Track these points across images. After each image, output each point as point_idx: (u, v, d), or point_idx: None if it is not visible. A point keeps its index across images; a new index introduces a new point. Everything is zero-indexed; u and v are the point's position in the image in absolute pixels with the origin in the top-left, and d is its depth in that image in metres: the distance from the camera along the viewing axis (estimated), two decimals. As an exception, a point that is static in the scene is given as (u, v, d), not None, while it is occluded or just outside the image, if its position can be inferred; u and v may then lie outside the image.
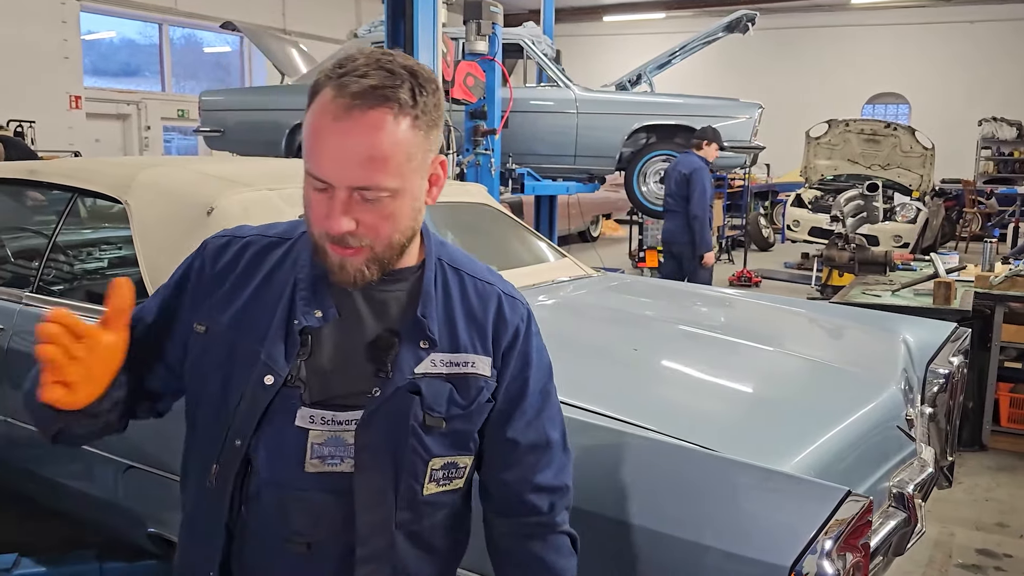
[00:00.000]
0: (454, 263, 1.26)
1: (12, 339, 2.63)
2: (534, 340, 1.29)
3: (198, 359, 1.22)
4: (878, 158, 10.89)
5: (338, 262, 1.11)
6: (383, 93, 1.04)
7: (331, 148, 1.06)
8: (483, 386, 1.22)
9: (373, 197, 1.07)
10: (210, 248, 1.27)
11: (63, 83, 12.16)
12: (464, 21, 6.10)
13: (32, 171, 3.01)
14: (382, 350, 1.17)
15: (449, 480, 1.23)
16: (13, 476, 2.85)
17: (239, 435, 1.17)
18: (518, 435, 1.26)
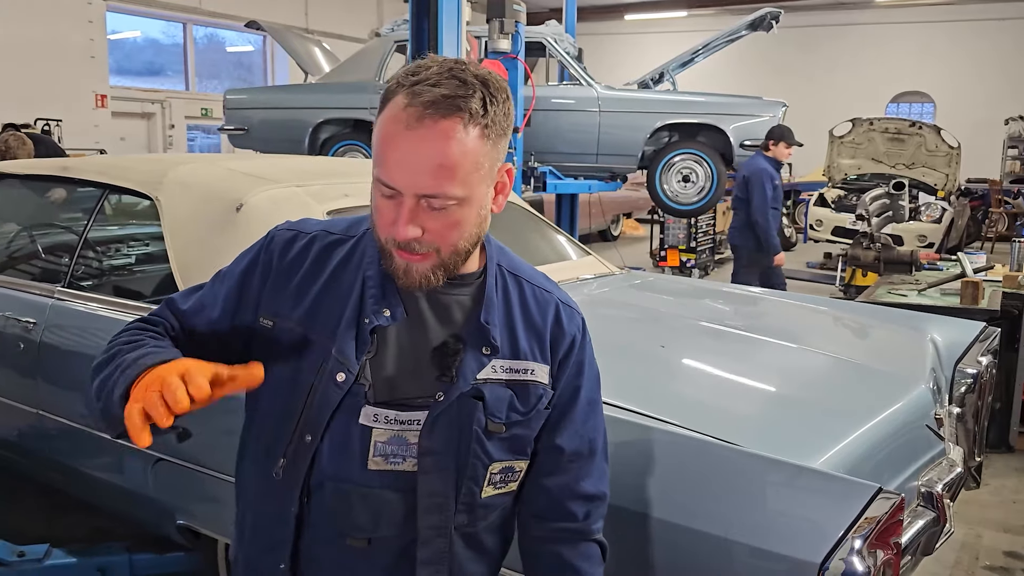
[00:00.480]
0: (514, 269, 1.28)
1: (45, 333, 2.67)
2: (588, 349, 1.31)
3: (263, 353, 1.21)
4: (903, 157, 10.78)
5: (403, 267, 1.12)
6: (455, 103, 1.05)
7: (401, 155, 1.06)
8: (542, 394, 1.24)
9: (440, 205, 1.08)
10: (278, 240, 1.27)
11: (89, 82, 12.30)
12: (487, 19, 6.10)
13: (64, 167, 3.06)
14: (448, 355, 1.18)
15: (505, 483, 1.25)
16: (43, 468, 2.89)
17: (310, 431, 1.18)
18: (565, 442, 1.27)
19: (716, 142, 7.03)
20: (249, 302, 1.25)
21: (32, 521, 3.27)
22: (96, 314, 2.62)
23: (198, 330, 1.25)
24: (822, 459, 1.69)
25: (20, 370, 2.73)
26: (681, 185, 7.15)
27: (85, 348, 2.59)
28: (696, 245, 10.16)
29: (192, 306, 1.28)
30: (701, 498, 1.52)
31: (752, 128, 6.91)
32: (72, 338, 2.65)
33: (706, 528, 1.49)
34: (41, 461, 2.82)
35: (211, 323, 1.26)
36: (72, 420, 2.61)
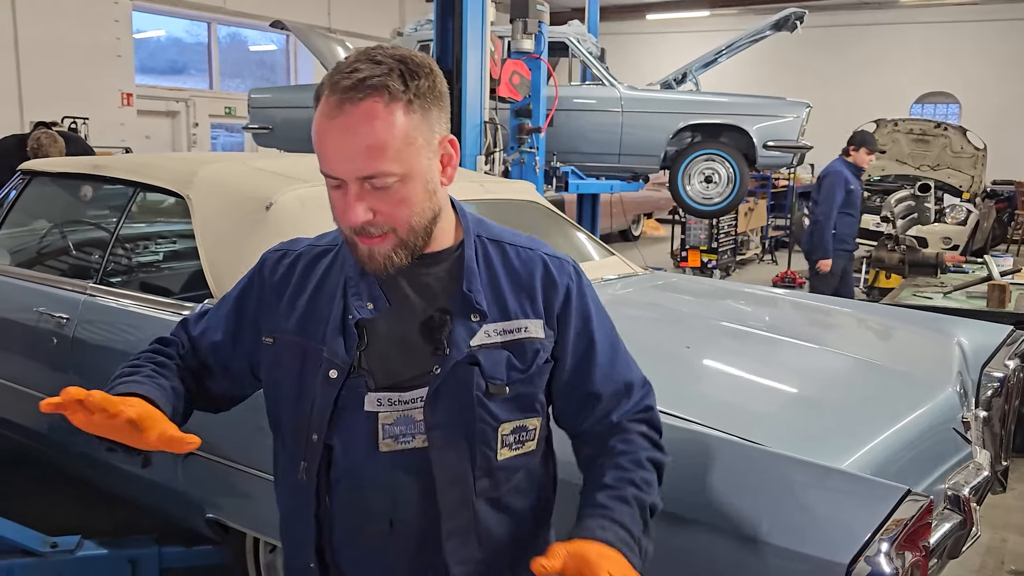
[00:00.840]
0: (494, 236, 1.30)
1: (77, 328, 2.72)
2: (588, 294, 1.32)
3: (271, 369, 1.30)
4: (927, 158, 10.70)
5: (367, 252, 1.16)
6: (371, 83, 1.08)
7: (333, 144, 1.11)
8: (539, 348, 1.25)
9: (381, 184, 1.11)
10: (268, 262, 1.35)
11: (115, 81, 12.44)
12: (511, 19, 6.12)
13: (96, 166, 3.11)
14: (436, 328, 1.21)
15: (521, 443, 1.27)
16: (74, 461, 2.94)
17: (316, 430, 1.23)
18: (599, 388, 1.30)
19: (739, 143, 7.01)
20: (247, 324, 1.33)
21: (62, 513, 3.33)
22: (127, 310, 2.66)
23: (206, 353, 1.35)
24: (849, 461, 1.69)
25: (53, 364, 2.78)
26: (703, 185, 7.13)
27: (116, 343, 2.64)
28: (718, 246, 10.14)
29: (200, 330, 1.38)
30: (728, 498, 1.53)
31: (775, 129, 6.88)
32: (104, 333, 2.69)
33: (733, 528, 1.50)
34: (72, 454, 2.87)
35: (215, 346, 1.35)
36: (103, 414, 2.65)
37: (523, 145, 6.24)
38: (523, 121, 6.28)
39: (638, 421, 1.32)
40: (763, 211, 12.20)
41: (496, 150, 5.63)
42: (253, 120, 8.32)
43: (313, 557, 1.27)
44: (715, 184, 7.13)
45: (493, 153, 5.57)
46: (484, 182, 3.36)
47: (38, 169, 3.34)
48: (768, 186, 12.60)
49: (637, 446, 1.29)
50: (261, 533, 2.33)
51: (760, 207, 12.01)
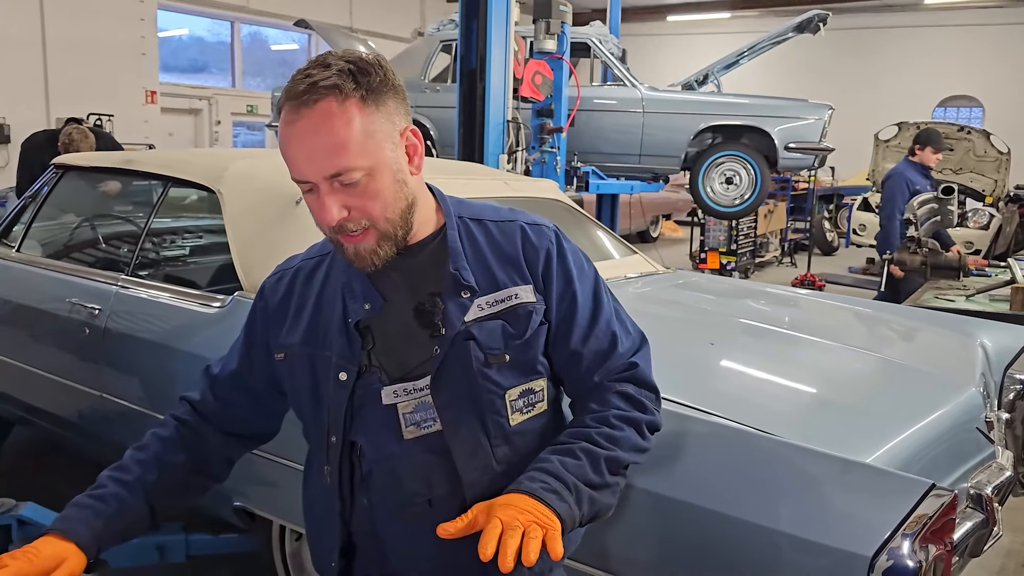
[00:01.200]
0: (475, 216, 1.34)
1: (109, 319, 2.77)
2: (570, 256, 1.35)
3: (289, 383, 1.37)
4: (950, 162, 10.60)
5: (352, 250, 1.21)
6: (322, 85, 1.13)
7: (297, 149, 1.15)
8: (532, 311, 1.29)
9: (349, 180, 1.15)
10: (267, 288, 1.42)
11: (140, 78, 12.59)
12: (534, 20, 6.16)
13: (128, 160, 3.17)
14: (429, 313, 1.26)
15: (531, 406, 1.30)
16: (104, 448, 2.99)
17: (334, 432, 1.30)
18: (579, 347, 1.32)
19: (760, 144, 7.01)
20: (259, 347, 1.41)
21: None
22: (158, 301, 2.71)
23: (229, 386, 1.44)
24: (873, 456, 1.71)
25: (85, 354, 2.84)
26: (724, 187, 7.13)
27: (147, 334, 2.69)
28: (737, 248, 10.13)
29: (219, 368, 1.47)
30: (753, 490, 1.55)
31: (797, 131, 6.87)
32: (135, 324, 2.74)
33: (757, 520, 1.52)
34: (102, 442, 2.92)
35: (235, 375, 1.44)
36: (133, 403, 2.71)
37: (544, 145, 6.27)
38: (545, 121, 6.32)
39: (621, 380, 1.33)
40: (783, 213, 12.16)
41: (518, 149, 5.67)
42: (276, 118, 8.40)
43: (336, 557, 1.33)
44: (736, 185, 7.14)
45: (515, 152, 5.61)
46: (508, 180, 3.39)
47: (71, 164, 3.40)
48: (788, 188, 12.55)
49: (610, 405, 1.30)
50: (287, 521, 2.38)
51: (780, 209, 11.98)
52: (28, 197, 3.46)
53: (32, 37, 11.22)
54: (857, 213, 10.86)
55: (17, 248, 3.32)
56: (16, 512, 2.63)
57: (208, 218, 3.51)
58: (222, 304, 2.51)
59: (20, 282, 3.21)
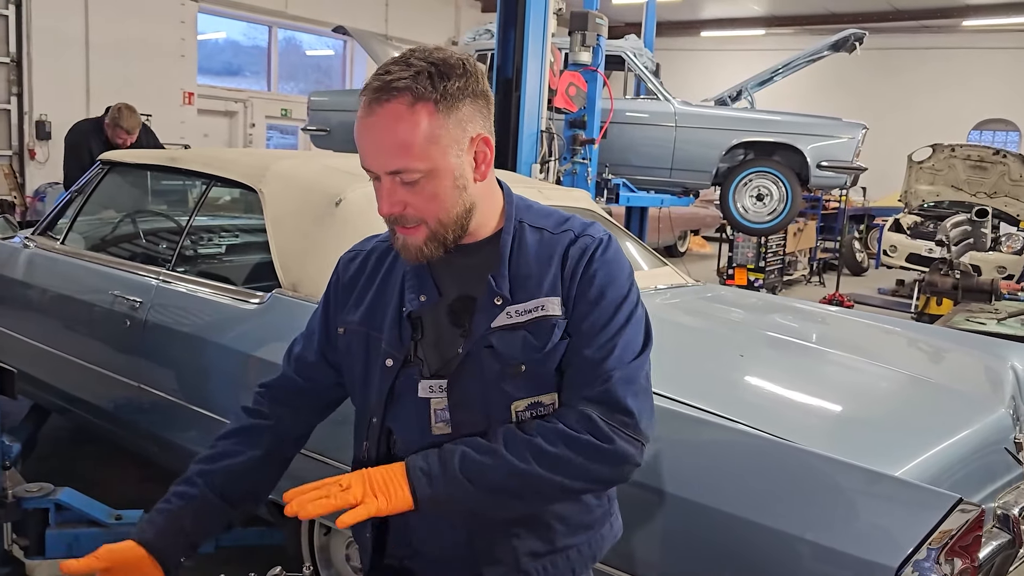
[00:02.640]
0: (535, 223, 1.33)
1: (150, 312, 2.84)
2: (598, 263, 1.28)
3: (343, 357, 1.42)
4: (984, 186, 10.50)
5: (401, 242, 1.26)
6: (396, 86, 1.17)
7: (366, 142, 1.21)
8: (555, 324, 1.25)
9: (410, 180, 1.20)
10: (341, 264, 1.47)
11: (178, 80, 12.81)
12: (570, 32, 6.20)
13: (172, 158, 3.25)
14: (459, 314, 1.30)
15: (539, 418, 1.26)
16: (140, 438, 3.06)
17: (374, 414, 1.35)
18: (572, 353, 1.26)
19: (792, 162, 7.00)
20: (331, 322, 1.45)
21: (127, 489, 3.46)
22: (198, 296, 2.78)
23: (311, 363, 1.47)
24: (900, 471, 1.72)
25: (125, 345, 2.91)
26: (754, 203, 7.13)
27: (186, 327, 2.76)
28: (765, 265, 10.09)
29: (302, 347, 1.50)
30: (781, 498, 1.57)
31: (830, 149, 6.85)
32: (175, 318, 2.81)
33: (783, 527, 1.54)
34: (139, 432, 2.99)
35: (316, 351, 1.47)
36: (170, 394, 2.77)
37: (576, 156, 6.31)
38: (577, 132, 6.36)
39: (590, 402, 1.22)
40: (812, 232, 12.09)
41: (551, 159, 5.71)
42: (312, 122, 8.52)
43: (370, 526, 1.38)
44: (766, 202, 7.12)
45: (548, 162, 5.65)
46: (542, 188, 3.43)
47: (116, 160, 3.50)
48: (818, 207, 12.49)
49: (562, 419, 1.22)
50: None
51: (809, 228, 11.91)
52: (74, 191, 3.56)
53: (76, 37, 11.46)
54: (888, 234, 10.77)
55: (62, 241, 3.41)
56: (54, 496, 2.70)
57: (249, 217, 3.58)
58: (261, 301, 2.57)
59: (63, 274, 3.30)
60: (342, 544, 2.50)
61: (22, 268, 3.46)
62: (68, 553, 2.73)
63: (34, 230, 3.63)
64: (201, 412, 2.66)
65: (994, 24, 16.57)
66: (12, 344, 3.39)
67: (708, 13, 18.19)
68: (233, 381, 2.57)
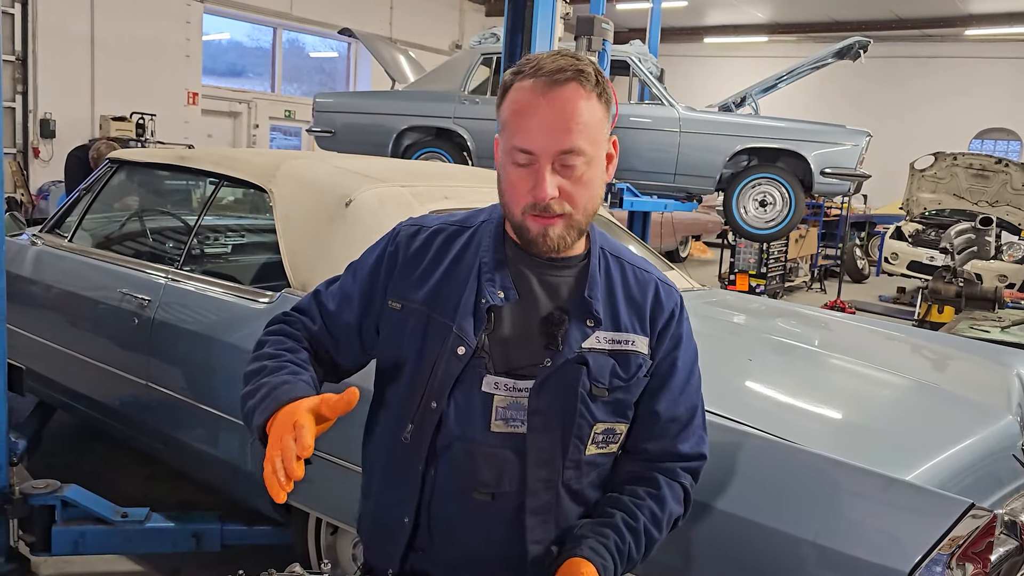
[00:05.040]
0: (616, 253, 1.41)
1: (158, 310, 2.85)
2: (685, 324, 1.43)
3: (392, 332, 1.38)
4: (986, 194, 10.53)
5: (540, 231, 1.26)
6: (576, 70, 1.23)
7: (539, 120, 1.22)
8: (641, 363, 1.35)
9: (571, 162, 1.23)
10: (403, 235, 1.43)
11: (183, 80, 12.86)
12: (575, 37, 6.21)
13: (182, 157, 3.26)
14: (553, 325, 1.31)
15: (607, 444, 1.36)
16: (147, 436, 3.07)
17: (435, 398, 1.32)
18: (663, 409, 1.38)
19: (796, 168, 7.00)
20: (378, 291, 1.42)
21: (133, 487, 3.47)
22: (207, 295, 2.79)
23: (341, 323, 1.44)
24: (910, 476, 1.73)
25: (133, 343, 2.92)
26: (758, 209, 7.14)
27: (195, 326, 2.76)
28: (767, 271, 10.10)
29: (336, 305, 1.45)
30: (792, 503, 1.58)
31: (834, 156, 6.86)
32: (183, 316, 2.82)
33: (795, 531, 1.55)
34: (145, 430, 2.99)
35: (353, 314, 1.43)
36: (177, 392, 2.78)
37: (580, 160, 6.30)
38: (582, 136, 6.35)
39: (688, 471, 1.40)
40: (814, 239, 12.12)
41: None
42: (317, 124, 8.53)
43: (411, 512, 1.35)
44: (769, 208, 7.13)
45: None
46: (550, 192, 3.43)
47: (125, 158, 3.50)
48: (820, 214, 12.51)
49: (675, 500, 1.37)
50: (324, 514, 2.42)
51: (811, 235, 11.94)
52: (82, 189, 3.57)
53: (82, 36, 11.50)
54: (889, 241, 10.79)
55: (70, 238, 3.41)
56: (61, 493, 2.71)
57: (257, 216, 3.59)
58: (270, 300, 2.58)
59: (71, 271, 3.30)
60: (349, 544, 2.50)
61: (30, 265, 3.47)
62: (74, 550, 2.74)
63: (42, 227, 3.64)
64: (208, 410, 2.66)
65: (996, 34, 16.63)
66: (19, 341, 3.40)
67: (712, 20, 18.25)
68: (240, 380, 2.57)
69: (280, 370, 1.33)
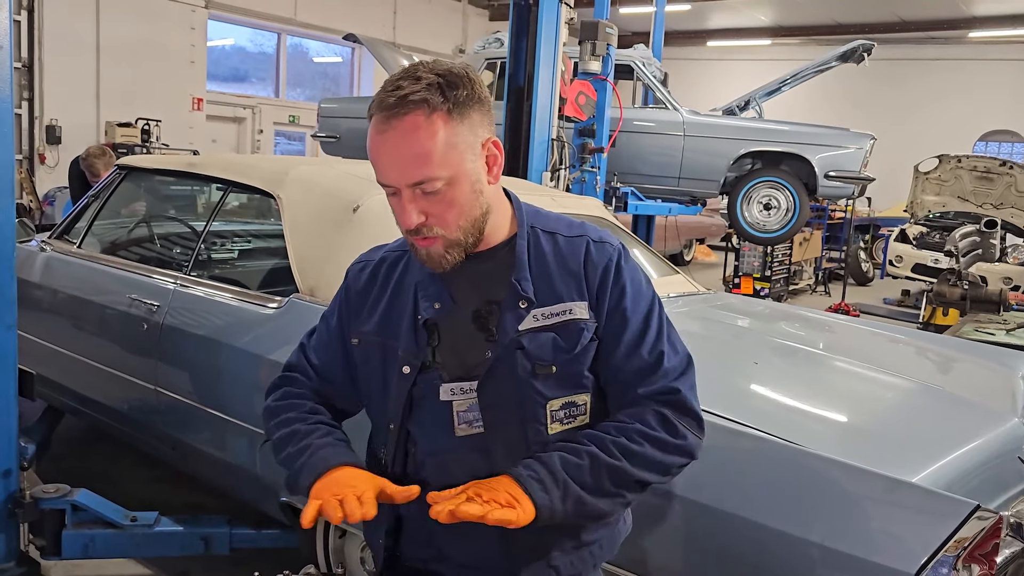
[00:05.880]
0: (547, 227, 1.39)
1: (167, 316, 2.87)
2: (627, 273, 1.36)
3: (361, 367, 1.44)
4: (990, 197, 10.50)
5: (424, 253, 1.29)
6: (411, 99, 1.20)
7: (384, 157, 1.24)
8: (583, 328, 1.32)
9: (431, 189, 1.23)
10: (351, 274, 1.49)
11: (188, 86, 12.89)
12: (580, 41, 6.24)
13: (191, 164, 3.28)
14: (484, 318, 1.33)
15: (572, 418, 1.34)
16: (155, 440, 3.09)
17: (392, 420, 1.37)
18: (623, 361, 1.33)
19: (800, 171, 7.02)
20: (344, 332, 1.47)
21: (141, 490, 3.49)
22: (215, 300, 2.81)
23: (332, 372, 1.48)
24: (915, 478, 1.74)
25: (141, 348, 2.94)
26: (762, 212, 7.15)
27: (203, 331, 2.78)
28: (771, 274, 10.10)
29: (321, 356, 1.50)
30: (798, 504, 1.59)
31: (838, 159, 6.87)
32: (192, 321, 2.84)
33: (801, 533, 1.56)
34: (154, 433, 3.01)
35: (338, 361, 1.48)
36: (187, 397, 2.79)
37: (585, 164, 6.33)
38: (586, 140, 6.39)
39: (660, 403, 1.31)
40: (818, 242, 12.11)
41: (562, 167, 5.73)
42: (321, 129, 8.56)
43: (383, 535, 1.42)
44: (774, 211, 7.15)
45: (559, 170, 5.68)
46: (555, 196, 3.45)
47: (133, 165, 3.52)
48: (824, 217, 12.51)
49: (638, 419, 1.30)
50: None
51: (815, 238, 11.93)
52: (90, 196, 3.59)
53: (87, 41, 11.53)
54: (894, 244, 10.78)
55: (79, 244, 3.44)
56: (71, 497, 2.73)
57: (266, 222, 3.61)
58: (279, 305, 2.60)
59: (80, 277, 3.33)
60: (357, 547, 2.52)
61: (39, 271, 3.49)
62: (84, 554, 2.75)
63: (51, 234, 3.66)
64: (217, 415, 2.68)
65: (1000, 36, 16.61)
66: (29, 346, 3.42)
67: (715, 23, 18.26)
68: (250, 384, 2.59)
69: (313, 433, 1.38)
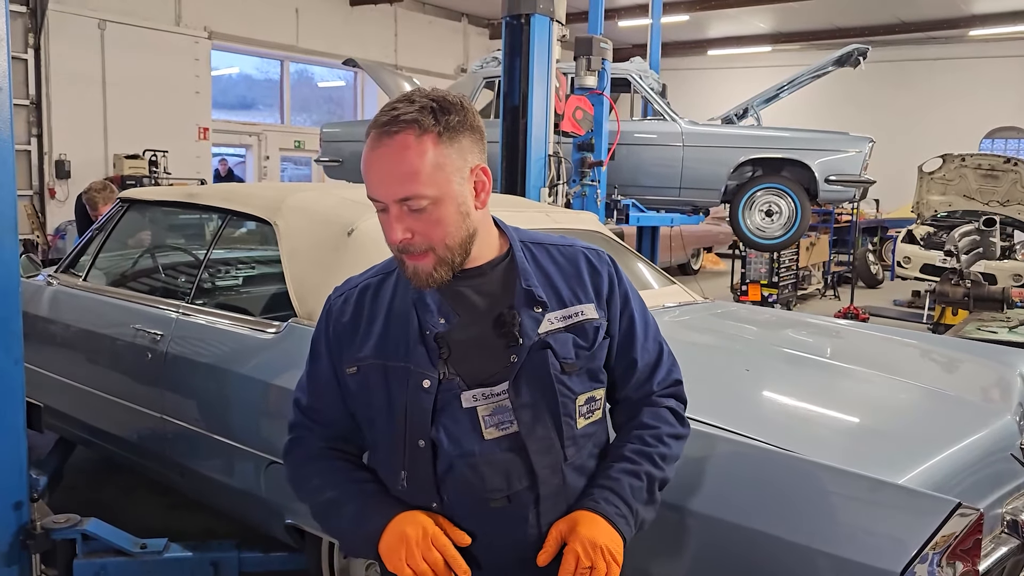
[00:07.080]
0: (535, 241, 1.49)
1: (171, 344, 2.92)
2: (624, 279, 1.51)
3: (359, 394, 1.45)
4: (996, 194, 10.47)
5: (411, 268, 1.34)
6: (403, 119, 1.27)
7: (374, 172, 1.30)
8: (597, 327, 1.44)
9: (417, 207, 1.29)
10: (333, 307, 1.51)
11: (193, 116, 13.05)
12: (575, 57, 6.30)
13: (191, 194, 3.34)
14: (507, 325, 1.38)
15: (591, 412, 1.44)
16: (164, 468, 3.13)
17: (420, 436, 1.38)
18: (639, 357, 1.49)
19: (801, 177, 7.04)
20: (336, 368, 1.48)
21: (152, 517, 3.53)
22: (216, 328, 2.86)
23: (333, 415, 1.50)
24: (905, 478, 1.75)
25: (147, 377, 2.99)
26: (764, 219, 7.17)
27: (206, 358, 2.83)
28: (778, 280, 10.10)
29: (317, 403, 1.52)
30: (783, 508, 1.61)
31: (838, 163, 6.89)
32: (195, 349, 2.88)
33: (787, 536, 1.58)
34: (163, 461, 3.05)
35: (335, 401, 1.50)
36: (192, 424, 2.84)
37: (585, 178, 6.38)
38: (585, 155, 6.44)
39: (668, 395, 1.51)
40: (825, 246, 12.10)
41: (559, 183, 5.78)
42: (324, 153, 8.64)
43: None
44: (776, 218, 7.16)
45: (557, 186, 5.73)
46: (550, 212, 3.49)
47: (136, 197, 3.60)
48: (831, 221, 12.50)
49: (663, 421, 1.48)
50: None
51: (822, 242, 11.92)
52: (94, 230, 3.66)
53: (93, 75, 11.71)
54: (901, 245, 10.75)
55: (84, 277, 3.50)
56: (81, 527, 2.77)
57: (264, 249, 3.67)
58: (277, 330, 2.64)
59: (86, 309, 3.39)
60: (362, 567, 2.55)
61: (46, 305, 3.56)
62: (95, 583, 2.79)
63: (57, 268, 3.73)
64: (222, 440, 2.72)
65: (1001, 33, 16.58)
66: (38, 379, 3.48)
67: (714, 32, 18.32)
68: (253, 409, 2.64)
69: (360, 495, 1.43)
